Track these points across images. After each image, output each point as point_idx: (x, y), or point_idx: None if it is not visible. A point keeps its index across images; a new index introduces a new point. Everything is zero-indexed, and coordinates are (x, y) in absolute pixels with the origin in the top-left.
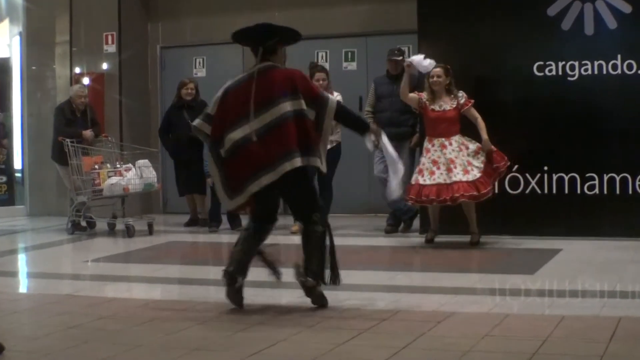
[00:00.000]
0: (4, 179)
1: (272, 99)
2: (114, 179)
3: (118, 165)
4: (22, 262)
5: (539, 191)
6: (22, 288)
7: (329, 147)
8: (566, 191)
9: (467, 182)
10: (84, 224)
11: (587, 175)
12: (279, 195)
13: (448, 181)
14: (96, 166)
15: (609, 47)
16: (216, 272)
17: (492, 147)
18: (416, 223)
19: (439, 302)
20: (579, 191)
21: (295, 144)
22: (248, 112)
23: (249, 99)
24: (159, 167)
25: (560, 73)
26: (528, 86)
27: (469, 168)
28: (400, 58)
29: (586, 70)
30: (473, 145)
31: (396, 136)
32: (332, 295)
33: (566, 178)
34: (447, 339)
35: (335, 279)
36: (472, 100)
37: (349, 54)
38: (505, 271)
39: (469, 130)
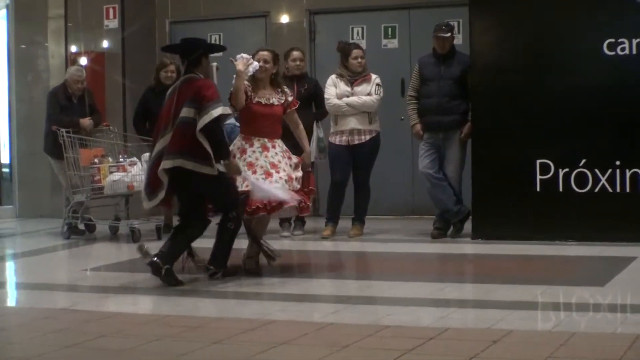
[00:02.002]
0: None
1: (180, 110)
2: (117, 175)
3: (121, 159)
4: (10, 271)
5: (609, 190)
6: (10, 301)
7: (367, 137)
8: None
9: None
10: (81, 226)
11: None
12: (195, 194)
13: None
14: (96, 160)
15: None
16: (234, 282)
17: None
18: (468, 227)
19: (494, 318)
20: None
21: (176, 148)
22: (166, 125)
23: (170, 110)
24: None
25: (634, 52)
26: (596, 67)
27: (293, 175)
28: (449, 35)
29: None
30: (293, 157)
31: (444, 125)
32: (370, 310)
33: None
34: None
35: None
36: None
37: (389, 29)
38: (570, 283)
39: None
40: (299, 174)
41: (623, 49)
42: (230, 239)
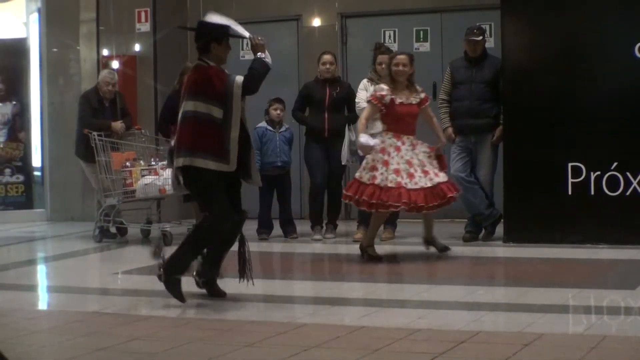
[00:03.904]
0: (21, 178)
1: (184, 98)
2: (149, 179)
3: (153, 163)
4: (41, 274)
5: None
6: (42, 304)
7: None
8: None
9: (447, 182)
10: (113, 230)
11: None
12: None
13: (429, 184)
14: (127, 163)
15: None
16: (266, 285)
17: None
18: (499, 230)
19: (525, 321)
20: None
21: (188, 146)
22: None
23: (182, 99)
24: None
25: None
26: (628, 70)
27: (438, 172)
28: (481, 38)
29: None
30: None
31: (476, 129)
32: (402, 314)
33: None
34: None
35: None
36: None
37: (421, 32)
38: (602, 286)
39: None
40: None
41: None
42: (195, 241)
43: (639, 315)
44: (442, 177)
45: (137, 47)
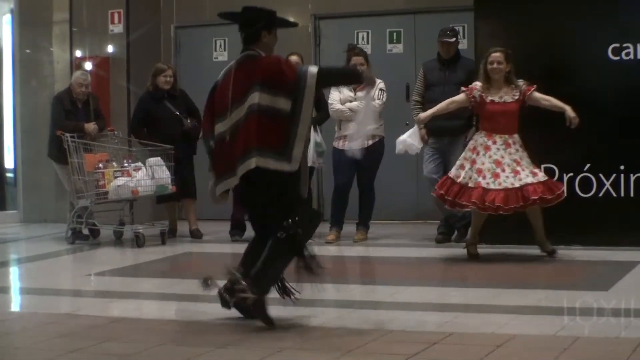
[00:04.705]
0: None
1: (243, 94)
2: (121, 180)
3: (125, 164)
4: (14, 276)
5: (614, 194)
6: (15, 306)
7: (370, 142)
8: None
9: (540, 183)
10: (86, 231)
11: None
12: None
13: (516, 185)
14: (100, 165)
15: None
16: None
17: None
18: None
19: (498, 323)
20: None
21: (254, 142)
22: (226, 108)
23: (227, 94)
24: (172, 167)
25: (639, 57)
26: (601, 72)
27: (536, 170)
28: (454, 40)
29: None
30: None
31: (449, 130)
32: (375, 315)
33: None
34: None
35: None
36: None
37: (394, 34)
38: (574, 287)
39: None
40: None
41: (628, 54)
42: (278, 256)
43: (611, 316)
44: (534, 178)
45: (110, 49)
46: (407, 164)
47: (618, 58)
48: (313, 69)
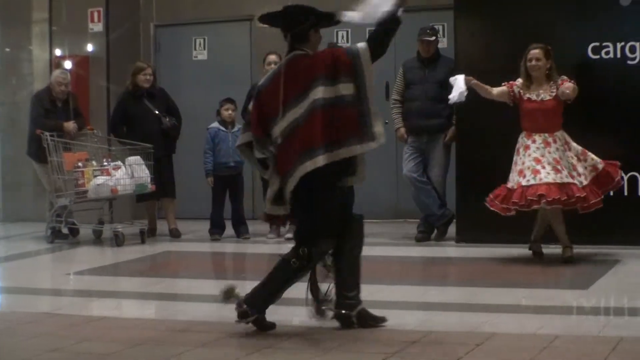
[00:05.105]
0: None
1: (301, 93)
2: (101, 179)
3: (105, 163)
4: None
5: None
6: None
7: None
8: (625, 193)
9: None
10: (65, 230)
11: None
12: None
13: (558, 181)
14: (80, 164)
15: None
16: (218, 286)
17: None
18: (452, 230)
19: (477, 321)
20: None
21: (319, 141)
22: (280, 110)
23: (278, 96)
24: (152, 166)
25: (618, 56)
26: (581, 71)
27: (574, 173)
28: (434, 38)
29: None
30: (575, 145)
31: (428, 129)
32: None
33: (625, 178)
34: None
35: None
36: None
37: None
38: (554, 286)
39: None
40: (582, 168)
41: (607, 53)
42: (285, 280)
43: (590, 314)
44: (576, 179)
45: (89, 48)
46: (387, 162)
47: (597, 57)
48: (361, 44)
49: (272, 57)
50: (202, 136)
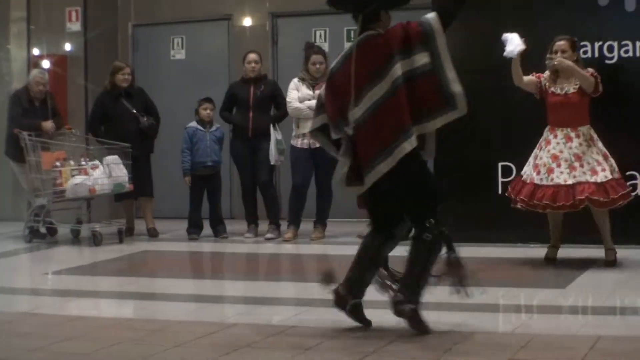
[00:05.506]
0: None
1: (376, 73)
2: (79, 179)
3: (83, 163)
4: None
5: None
6: None
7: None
8: None
9: (593, 183)
10: (43, 230)
11: (628, 173)
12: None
13: (569, 181)
14: (58, 163)
15: None
16: (196, 285)
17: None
18: None
19: (456, 320)
20: None
21: (409, 118)
22: (358, 91)
23: (350, 78)
24: (129, 165)
25: (596, 55)
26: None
27: (598, 168)
28: None
29: (627, 52)
30: (601, 144)
31: None
32: (333, 312)
33: None
34: None
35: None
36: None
37: (352, 32)
38: (532, 285)
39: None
40: (608, 164)
41: (585, 52)
42: (427, 259)
43: (569, 314)
44: (592, 177)
45: (67, 47)
46: None
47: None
48: (431, 14)
49: (253, 56)
50: (180, 135)
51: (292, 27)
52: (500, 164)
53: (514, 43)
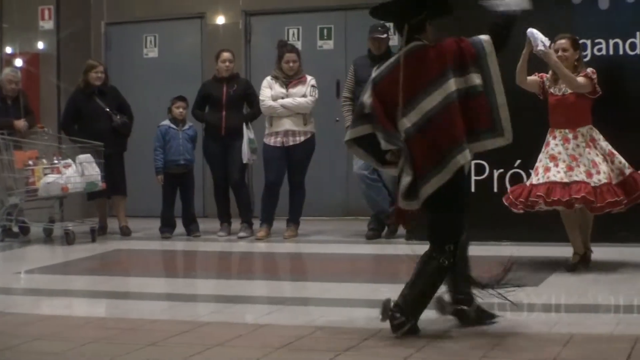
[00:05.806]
0: None
1: (428, 84)
2: (51, 177)
3: (55, 161)
4: None
5: None
6: None
7: (302, 138)
8: None
9: (590, 184)
10: (16, 229)
11: None
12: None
13: (565, 180)
14: (30, 162)
15: (626, 23)
16: (169, 284)
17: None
18: (402, 228)
19: (429, 319)
20: None
21: (463, 134)
22: (408, 101)
23: (398, 90)
24: (102, 163)
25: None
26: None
27: (593, 171)
28: (385, 36)
29: (600, 50)
30: (604, 144)
31: None
32: (305, 311)
33: None
34: None
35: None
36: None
37: (325, 30)
38: (505, 283)
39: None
40: (606, 167)
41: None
42: (435, 281)
43: (542, 312)
44: (587, 178)
45: (40, 45)
46: (337, 160)
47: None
48: (484, 37)
49: (227, 55)
50: (153, 134)
51: (266, 25)
52: (473, 162)
53: (543, 40)
